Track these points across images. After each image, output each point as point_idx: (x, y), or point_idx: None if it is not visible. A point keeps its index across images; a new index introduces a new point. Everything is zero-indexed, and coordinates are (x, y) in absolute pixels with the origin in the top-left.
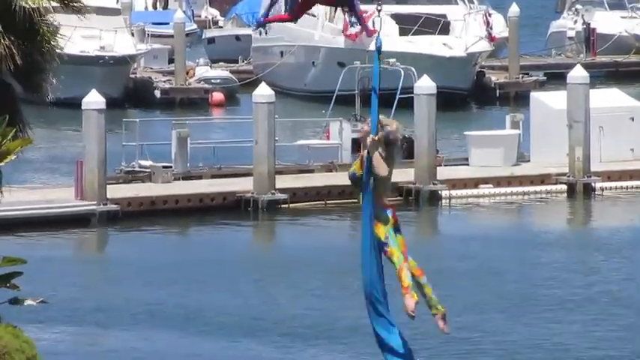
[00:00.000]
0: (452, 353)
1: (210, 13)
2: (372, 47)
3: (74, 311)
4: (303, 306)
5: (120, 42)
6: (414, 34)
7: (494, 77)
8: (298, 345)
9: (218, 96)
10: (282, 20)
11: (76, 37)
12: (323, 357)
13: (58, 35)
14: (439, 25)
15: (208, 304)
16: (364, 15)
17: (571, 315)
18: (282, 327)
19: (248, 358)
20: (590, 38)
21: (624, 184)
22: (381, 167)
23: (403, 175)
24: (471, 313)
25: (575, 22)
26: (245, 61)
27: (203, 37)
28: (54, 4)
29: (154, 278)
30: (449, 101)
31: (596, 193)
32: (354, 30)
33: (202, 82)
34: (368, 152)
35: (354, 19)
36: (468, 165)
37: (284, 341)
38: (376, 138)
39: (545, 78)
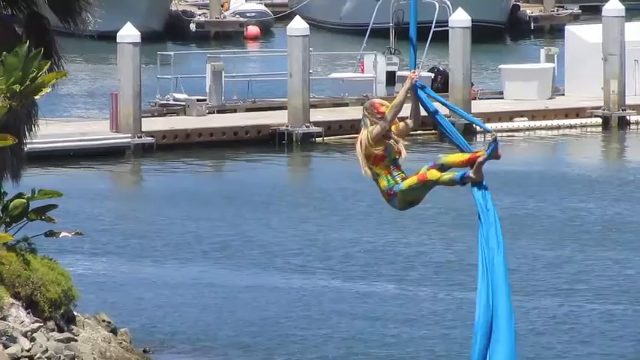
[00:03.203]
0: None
1: None
2: None
3: (109, 243)
4: (345, 239)
5: None
6: None
7: (529, 10)
8: (344, 279)
9: (253, 29)
10: None
11: None
12: (373, 290)
13: None
14: None
15: (246, 236)
16: None
17: (612, 250)
18: (327, 260)
19: (293, 290)
20: None
21: None
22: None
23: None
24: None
25: None
26: None
27: None
28: None
29: (189, 211)
30: (484, 34)
31: (631, 126)
32: None
33: (237, 16)
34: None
35: None
36: (502, 98)
37: (329, 276)
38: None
39: (580, 11)
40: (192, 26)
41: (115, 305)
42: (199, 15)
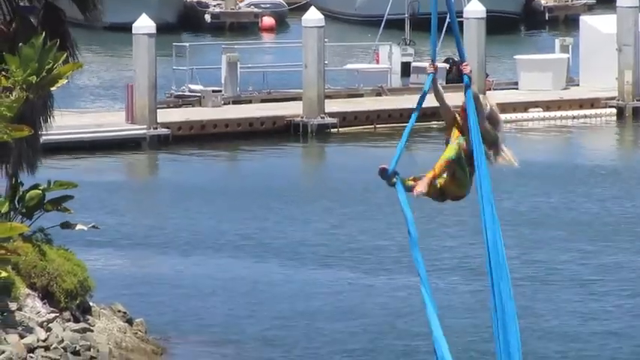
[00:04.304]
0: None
1: None
2: None
3: (125, 234)
4: (366, 230)
5: None
6: None
7: (544, 1)
8: (364, 271)
9: (268, 20)
10: None
11: None
12: (395, 284)
13: None
14: None
15: (263, 228)
16: None
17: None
18: (348, 252)
19: (311, 282)
20: None
21: None
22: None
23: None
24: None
25: None
26: None
27: None
28: None
29: (204, 202)
30: (498, 25)
31: None
32: None
33: (252, 7)
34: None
35: None
36: (517, 89)
37: (349, 268)
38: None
39: (594, 1)
40: (208, 17)
41: (131, 296)
42: (214, 6)
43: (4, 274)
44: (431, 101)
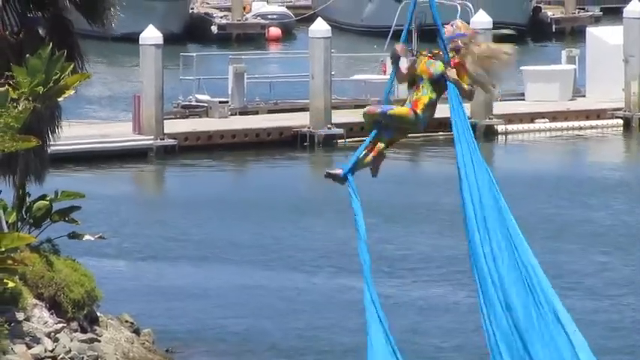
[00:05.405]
0: None
1: None
2: None
3: (132, 244)
4: (373, 242)
5: None
6: None
7: (551, 12)
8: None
9: (275, 31)
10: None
11: None
12: (410, 295)
13: None
14: None
15: (270, 239)
16: None
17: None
18: (355, 265)
19: (321, 293)
20: None
21: None
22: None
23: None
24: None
25: None
26: None
27: None
28: None
29: (211, 212)
30: (505, 36)
31: None
32: None
33: (259, 18)
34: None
35: None
36: (524, 100)
37: (356, 280)
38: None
39: (601, 13)
40: (214, 28)
41: (138, 306)
42: (221, 17)
43: (11, 284)
44: (439, 111)
